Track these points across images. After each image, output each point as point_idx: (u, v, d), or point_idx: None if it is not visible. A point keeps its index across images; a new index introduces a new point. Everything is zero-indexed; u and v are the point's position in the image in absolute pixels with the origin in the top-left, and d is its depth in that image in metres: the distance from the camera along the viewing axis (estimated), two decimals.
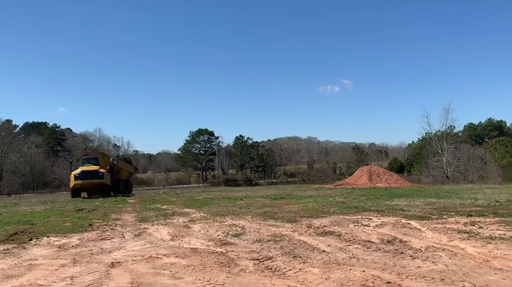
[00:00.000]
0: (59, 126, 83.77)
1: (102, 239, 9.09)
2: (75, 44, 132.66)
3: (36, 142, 69.02)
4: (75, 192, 29.05)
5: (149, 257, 7.08)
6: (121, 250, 7.87)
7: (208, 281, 5.48)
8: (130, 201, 22.25)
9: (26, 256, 7.48)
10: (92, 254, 7.51)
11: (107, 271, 6.18)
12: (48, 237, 9.56)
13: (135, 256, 7.17)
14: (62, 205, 19.96)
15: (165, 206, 17.08)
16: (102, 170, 29.20)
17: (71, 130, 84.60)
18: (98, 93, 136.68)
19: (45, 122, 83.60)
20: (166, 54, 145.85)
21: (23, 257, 7.37)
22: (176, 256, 7.07)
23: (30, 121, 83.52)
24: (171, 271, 6.08)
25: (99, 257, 7.17)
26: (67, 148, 75.09)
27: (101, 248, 8.02)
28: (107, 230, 10.54)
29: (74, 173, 29.06)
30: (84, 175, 28.63)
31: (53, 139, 78.38)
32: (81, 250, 7.89)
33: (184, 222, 11.54)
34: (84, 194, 30.14)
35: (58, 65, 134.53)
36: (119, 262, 6.72)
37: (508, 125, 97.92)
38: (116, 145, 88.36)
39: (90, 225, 11.45)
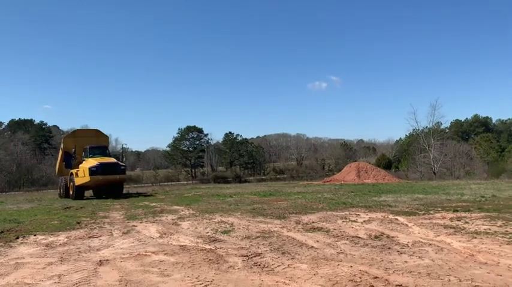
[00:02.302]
0: (46, 124, 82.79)
1: (90, 237, 9.04)
2: (61, 41, 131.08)
3: (22, 139, 68.09)
4: (82, 191, 22.93)
5: (138, 254, 7.06)
6: (109, 247, 7.84)
7: (197, 278, 5.49)
8: (118, 198, 22.13)
9: (13, 255, 7.41)
10: (79, 252, 7.46)
11: (95, 269, 6.15)
12: (35, 235, 9.47)
13: (124, 254, 7.14)
14: (49, 203, 19.77)
15: (154, 204, 17.01)
16: (122, 163, 23.78)
17: (58, 127, 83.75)
18: (84, 91, 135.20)
19: (32, 119, 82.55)
20: (154, 52, 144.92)
21: (9, 256, 7.30)
22: (165, 254, 7.06)
23: (17, 118, 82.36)
24: (159, 268, 6.08)
25: (87, 255, 7.13)
26: (54, 145, 74.14)
27: (89, 246, 7.98)
28: (95, 228, 10.48)
29: (87, 166, 21.89)
30: (104, 168, 21.93)
31: (40, 136, 77.46)
32: (68, 248, 7.84)
33: (173, 219, 11.52)
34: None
35: (43, 63, 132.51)
36: (107, 260, 6.69)
37: (493, 121, 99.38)
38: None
39: (78, 223, 11.37)
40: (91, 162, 22.21)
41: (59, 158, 27.60)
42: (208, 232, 9.14)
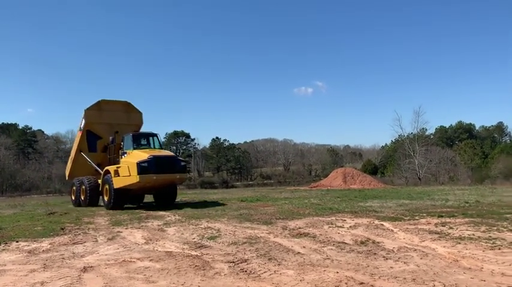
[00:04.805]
0: (30, 128, 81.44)
1: (74, 244, 8.91)
2: (42, 45, 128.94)
3: (5, 144, 66.95)
4: (124, 196, 17.05)
5: (123, 261, 6.98)
6: (94, 254, 7.74)
7: (182, 284, 5.45)
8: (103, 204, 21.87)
9: None
10: (63, 258, 7.35)
11: (78, 275, 6.06)
12: (17, 242, 9.29)
13: (108, 260, 7.06)
14: (32, 209, 19.43)
15: (139, 209, 16.85)
16: (182, 158, 18.40)
17: (43, 132, 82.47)
18: (68, 95, 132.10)
19: (16, 124, 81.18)
20: (140, 55, 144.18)
21: None
22: (150, 260, 6.99)
23: (0, 122, 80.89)
24: (145, 275, 6.02)
25: (70, 262, 7.03)
26: (38, 150, 73.17)
27: (73, 253, 7.86)
28: (79, 234, 10.33)
29: (134, 160, 16.05)
30: (159, 164, 16.06)
31: (24, 141, 76.19)
32: (52, 255, 7.71)
33: (159, 225, 11.43)
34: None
35: (26, 65, 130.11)
36: (91, 267, 6.60)
37: (477, 128, 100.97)
38: None
39: (62, 229, 11.19)
40: (139, 155, 16.26)
41: (73, 152, 21.10)
42: (194, 238, 9.09)
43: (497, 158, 63.50)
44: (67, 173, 21.92)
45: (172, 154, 18.00)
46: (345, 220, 11.16)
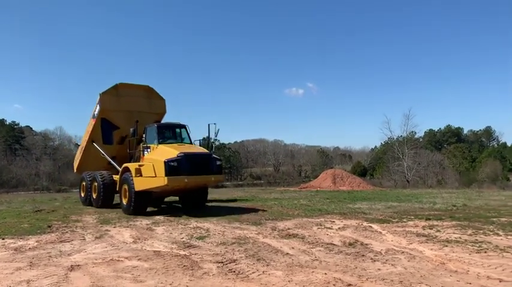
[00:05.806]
0: (18, 124, 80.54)
1: (61, 242, 8.82)
2: (33, 41, 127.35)
3: None
4: (146, 200, 14.12)
5: (110, 260, 6.94)
6: (81, 252, 7.68)
7: (170, 284, 5.43)
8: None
9: None
10: (50, 257, 7.28)
11: (65, 274, 6.01)
12: (3, 239, 9.19)
13: (96, 259, 7.01)
14: (19, 206, 19.16)
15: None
16: (217, 156, 14.94)
17: (31, 128, 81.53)
18: (57, 92, 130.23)
19: (3, 119, 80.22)
20: (132, 55, 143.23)
21: None
22: (138, 259, 6.96)
23: None
24: (132, 274, 5.98)
25: (57, 260, 6.96)
26: (26, 147, 72.30)
27: (60, 251, 7.79)
28: (66, 232, 10.24)
29: (161, 158, 13.12)
30: (192, 163, 13.33)
31: (11, 137, 75.31)
32: (38, 253, 7.64)
33: (147, 224, 11.37)
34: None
35: (13, 62, 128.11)
36: (78, 265, 6.55)
37: (465, 132, 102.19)
38: (77, 144, 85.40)
39: (49, 227, 11.08)
40: (166, 151, 13.58)
41: (84, 141, 18.42)
42: (183, 238, 9.06)
43: (485, 162, 64.42)
44: (75, 165, 19.35)
45: (205, 150, 14.66)
46: (333, 222, 11.21)
